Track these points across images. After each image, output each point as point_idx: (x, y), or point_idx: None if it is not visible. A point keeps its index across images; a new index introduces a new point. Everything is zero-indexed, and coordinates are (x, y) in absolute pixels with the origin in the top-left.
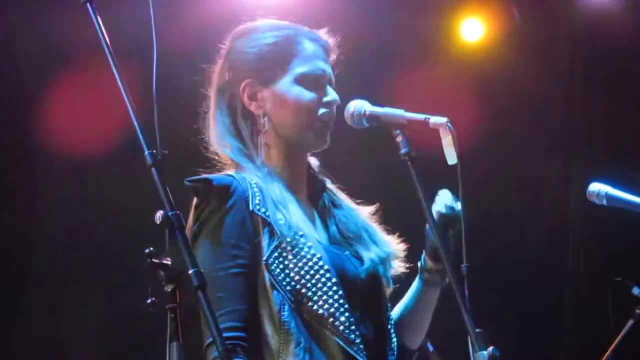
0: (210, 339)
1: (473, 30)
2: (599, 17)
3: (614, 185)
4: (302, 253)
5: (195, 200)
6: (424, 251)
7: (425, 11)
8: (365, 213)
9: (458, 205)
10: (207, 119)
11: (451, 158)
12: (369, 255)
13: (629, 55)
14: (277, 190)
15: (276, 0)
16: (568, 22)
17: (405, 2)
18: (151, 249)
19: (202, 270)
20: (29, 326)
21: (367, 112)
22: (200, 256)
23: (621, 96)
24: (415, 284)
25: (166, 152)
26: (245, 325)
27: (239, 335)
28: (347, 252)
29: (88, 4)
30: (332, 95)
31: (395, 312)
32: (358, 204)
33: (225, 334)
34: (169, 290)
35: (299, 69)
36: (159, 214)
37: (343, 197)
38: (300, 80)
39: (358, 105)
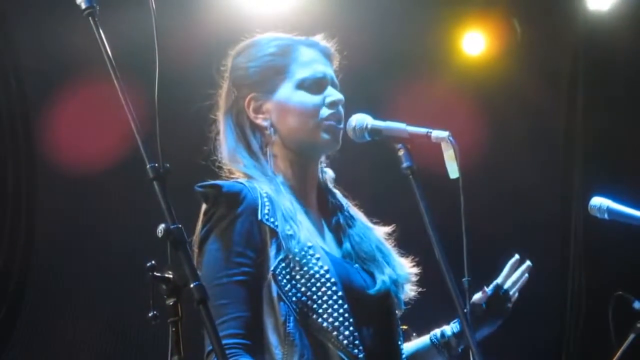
0: (209, 348)
1: (475, 44)
2: (600, 31)
3: (616, 198)
4: (310, 265)
5: (204, 206)
6: (451, 327)
7: (427, 25)
8: (380, 233)
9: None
10: (218, 140)
11: (453, 172)
12: (382, 277)
13: (630, 68)
14: (287, 202)
15: (278, 14)
16: (569, 35)
17: (407, 16)
18: (153, 262)
19: (206, 275)
20: (27, 340)
21: (369, 126)
22: (206, 261)
23: (622, 109)
24: (423, 348)
25: (168, 165)
26: (247, 333)
27: (242, 342)
28: (356, 266)
29: (90, 17)
30: (335, 95)
31: None
32: (374, 223)
33: (227, 341)
34: (171, 303)
35: (299, 74)
36: (161, 227)
37: (358, 216)
38: (302, 85)
39: (360, 119)
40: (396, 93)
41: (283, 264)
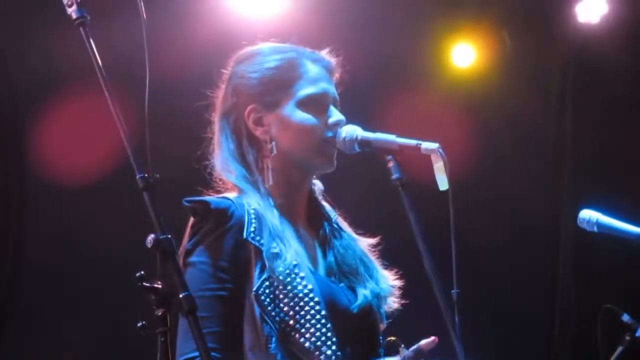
0: (185, 357)
1: (464, 56)
2: (589, 44)
3: (605, 210)
4: (294, 284)
5: (192, 220)
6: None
7: (417, 37)
8: (364, 244)
9: None
10: (212, 144)
11: (442, 184)
12: (363, 291)
13: (620, 82)
14: (275, 220)
15: (268, 24)
16: (559, 48)
17: (397, 28)
18: (142, 272)
19: (189, 287)
20: (17, 348)
21: (359, 138)
22: (189, 274)
23: (612, 122)
24: None
25: (158, 175)
26: (222, 347)
27: (215, 356)
28: (342, 285)
29: (81, 28)
30: (336, 116)
31: None
32: (359, 234)
33: None
34: (160, 314)
35: (303, 92)
36: (150, 237)
37: (344, 226)
38: (305, 104)
39: (350, 131)
40: (386, 105)
41: (267, 283)
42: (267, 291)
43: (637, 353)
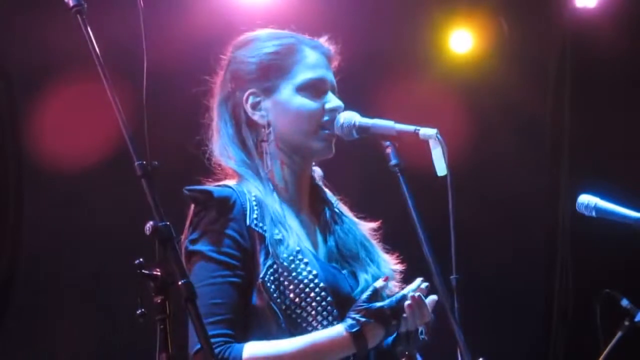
0: (198, 346)
1: (462, 42)
2: (587, 29)
3: (603, 196)
4: (298, 270)
5: (193, 208)
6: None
7: (415, 23)
8: (365, 228)
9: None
10: (211, 130)
11: (441, 169)
12: (365, 276)
13: (618, 67)
14: (277, 205)
15: (265, 11)
16: (557, 33)
17: (394, 14)
18: (141, 259)
19: (199, 275)
20: (14, 339)
21: (357, 124)
22: (197, 263)
23: (610, 106)
24: None
25: (156, 162)
26: (236, 333)
27: (230, 341)
28: (344, 271)
29: (78, 15)
30: (334, 102)
31: None
32: (360, 218)
33: (218, 339)
34: (159, 301)
35: (301, 77)
36: (149, 224)
37: (344, 211)
38: (303, 89)
39: (348, 117)
40: (384, 91)
41: (271, 270)
42: (272, 278)
43: (636, 338)
